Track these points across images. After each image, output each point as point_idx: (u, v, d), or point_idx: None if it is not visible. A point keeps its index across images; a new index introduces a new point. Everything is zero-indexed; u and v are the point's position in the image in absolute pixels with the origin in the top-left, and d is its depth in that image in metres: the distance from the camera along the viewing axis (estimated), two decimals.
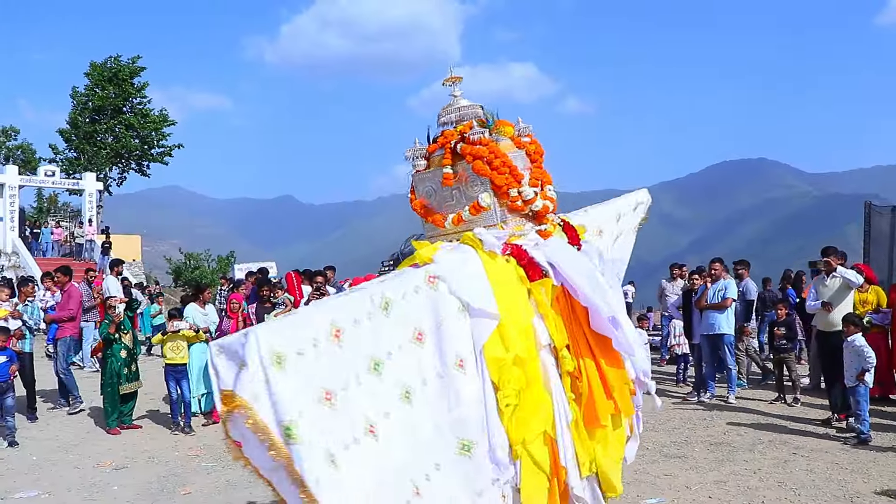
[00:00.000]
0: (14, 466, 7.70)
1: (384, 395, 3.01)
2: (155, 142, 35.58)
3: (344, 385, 2.83)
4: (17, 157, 39.50)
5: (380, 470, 2.88)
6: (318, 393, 2.72)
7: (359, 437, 2.82)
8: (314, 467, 2.55)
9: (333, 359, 2.82)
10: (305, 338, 2.75)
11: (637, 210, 5.64)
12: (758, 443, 8.07)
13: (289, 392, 2.59)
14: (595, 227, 4.86)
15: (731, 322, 10.53)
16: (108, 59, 34.76)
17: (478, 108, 4.13)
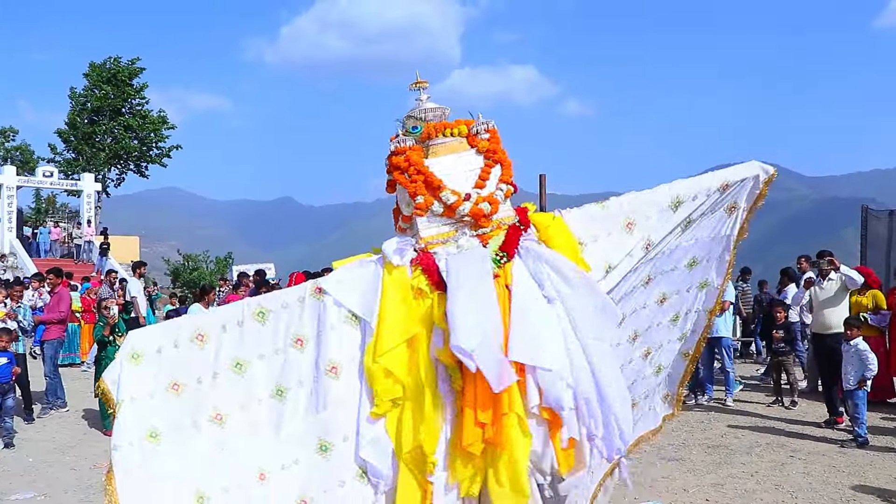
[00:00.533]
0: (10, 468, 7.68)
1: (243, 392, 3.52)
2: (154, 143, 35.60)
3: (198, 378, 3.50)
4: (16, 157, 39.55)
5: (218, 450, 3.47)
6: (167, 382, 3.48)
7: (199, 422, 3.48)
8: (123, 439, 3.45)
9: (191, 357, 3.50)
10: (167, 339, 3.53)
11: (732, 194, 4.20)
12: (755, 445, 8.07)
13: (132, 379, 3.45)
14: (603, 230, 4.01)
15: (728, 325, 10.56)
16: (108, 59, 34.78)
17: (445, 110, 4.07)
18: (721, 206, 4.19)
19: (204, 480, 3.44)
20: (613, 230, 4.01)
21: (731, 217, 4.24)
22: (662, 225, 4.05)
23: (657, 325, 4.44)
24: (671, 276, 4.30)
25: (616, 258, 3.99)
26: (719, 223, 4.26)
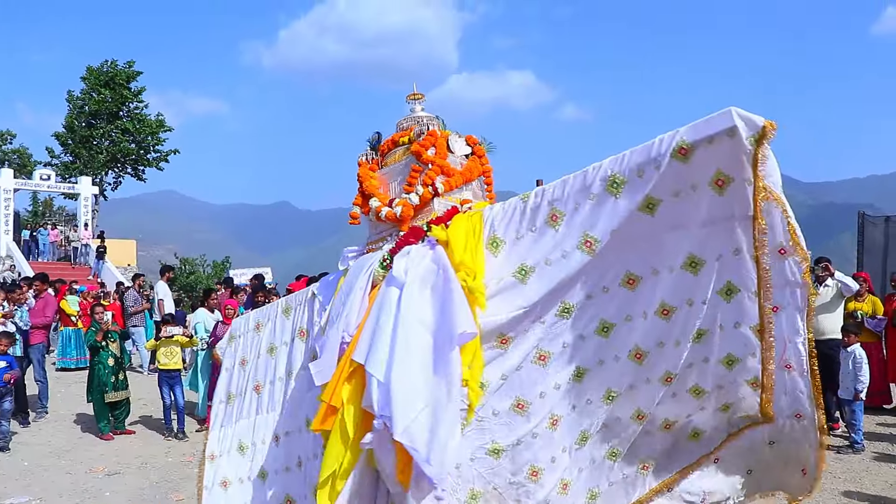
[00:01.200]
0: (5, 472, 7.66)
1: (270, 370, 4.50)
2: (151, 146, 35.56)
3: (252, 358, 4.65)
4: (13, 160, 39.44)
5: (253, 412, 4.57)
6: (239, 360, 4.75)
7: (247, 390, 4.62)
8: (217, 398, 4.85)
9: (251, 342, 4.68)
10: (243, 328, 4.80)
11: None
12: None
13: (229, 353, 4.84)
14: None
15: None
16: (105, 63, 34.75)
17: (434, 120, 4.26)
18: (699, 181, 3.12)
19: (246, 435, 4.57)
20: (538, 225, 3.43)
21: (725, 195, 3.13)
22: (602, 215, 3.24)
23: (674, 343, 3.53)
24: (668, 281, 3.40)
25: (534, 259, 3.41)
26: (711, 205, 3.18)
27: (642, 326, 3.48)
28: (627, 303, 3.45)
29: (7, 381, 8.51)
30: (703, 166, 3.08)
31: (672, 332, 3.49)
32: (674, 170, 3.08)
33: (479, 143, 4.27)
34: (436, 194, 3.89)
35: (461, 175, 4.04)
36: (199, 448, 8.44)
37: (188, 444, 8.80)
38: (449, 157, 4.05)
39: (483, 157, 4.24)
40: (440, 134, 4.07)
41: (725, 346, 3.57)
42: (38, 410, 10.17)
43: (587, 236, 3.27)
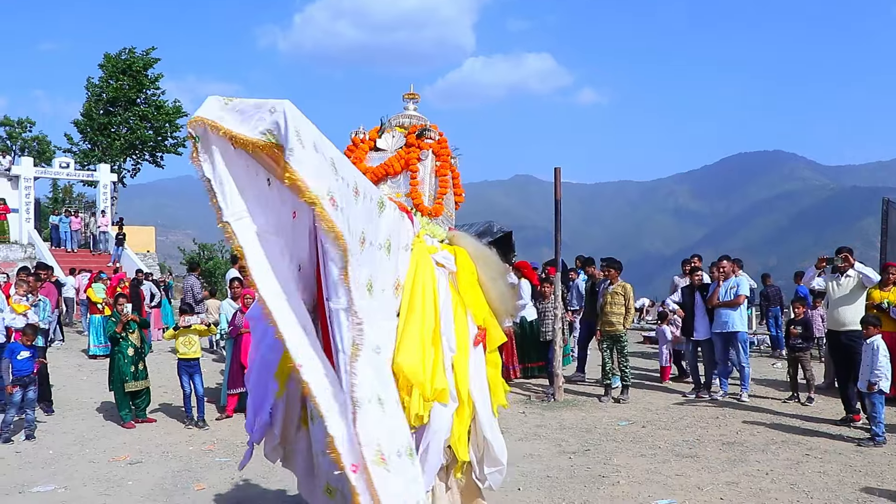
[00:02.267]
0: (31, 460, 7.77)
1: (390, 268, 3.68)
2: (169, 133, 35.70)
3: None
4: (33, 148, 39.73)
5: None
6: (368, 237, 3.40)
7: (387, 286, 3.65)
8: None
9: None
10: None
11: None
12: (771, 443, 8.04)
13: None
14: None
15: (744, 319, 10.52)
16: (123, 50, 34.86)
17: (425, 121, 4.49)
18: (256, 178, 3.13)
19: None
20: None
21: (279, 195, 3.21)
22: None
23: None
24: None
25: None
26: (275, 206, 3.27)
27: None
28: None
29: (32, 371, 8.66)
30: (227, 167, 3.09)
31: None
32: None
33: (422, 134, 4.35)
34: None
35: (373, 173, 4.26)
36: (220, 436, 8.58)
37: (208, 432, 8.88)
38: (371, 155, 4.34)
39: (413, 148, 4.33)
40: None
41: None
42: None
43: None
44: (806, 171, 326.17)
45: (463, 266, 4.05)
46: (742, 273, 10.77)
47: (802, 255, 27.93)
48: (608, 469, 7.10)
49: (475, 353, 3.94)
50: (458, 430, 3.79)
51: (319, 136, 2.92)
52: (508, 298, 4.26)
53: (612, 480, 6.76)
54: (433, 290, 3.76)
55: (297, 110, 2.78)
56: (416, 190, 4.30)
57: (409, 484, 3.20)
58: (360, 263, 3.13)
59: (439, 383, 3.59)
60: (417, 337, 3.56)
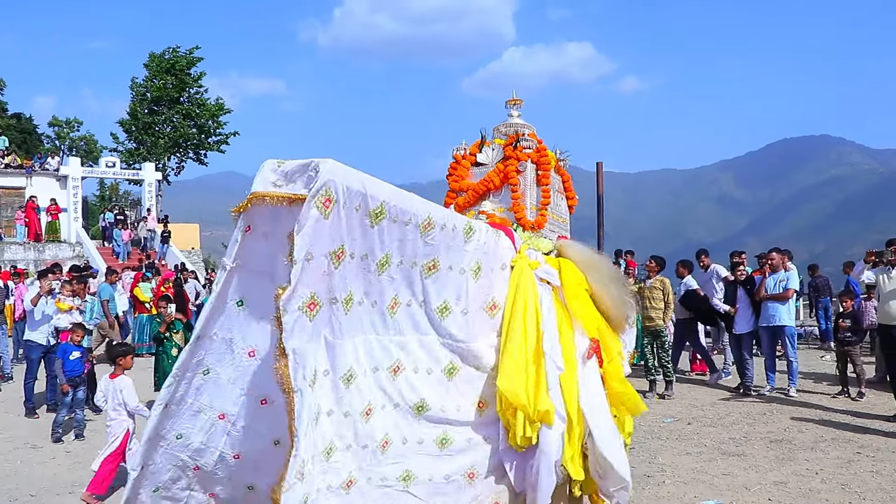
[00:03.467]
0: (80, 460, 7.89)
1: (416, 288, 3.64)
2: (212, 130, 36.20)
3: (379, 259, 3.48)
4: (80, 147, 40.60)
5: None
6: (343, 252, 3.30)
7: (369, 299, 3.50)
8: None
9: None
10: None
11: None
12: (820, 440, 7.84)
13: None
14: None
15: (792, 313, 10.29)
16: (167, 49, 35.43)
17: (530, 128, 4.41)
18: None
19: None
20: None
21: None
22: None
23: None
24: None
25: None
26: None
27: None
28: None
29: (83, 371, 8.83)
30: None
31: None
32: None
33: (519, 144, 4.27)
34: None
35: (474, 190, 4.30)
36: None
37: None
38: (474, 170, 4.36)
39: (511, 160, 4.26)
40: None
41: None
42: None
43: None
44: (854, 154, 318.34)
45: (569, 278, 3.97)
46: (791, 266, 10.53)
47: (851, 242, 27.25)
48: (653, 468, 6.99)
49: (587, 368, 3.84)
50: (568, 450, 3.69)
51: (358, 191, 2.99)
52: (624, 304, 4.10)
53: (657, 480, 6.65)
54: (535, 309, 3.75)
55: (336, 166, 2.88)
56: (517, 203, 4.26)
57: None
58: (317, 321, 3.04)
59: (542, 405, 3.54)
60: (518, 359, 3.58)
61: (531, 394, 3.56)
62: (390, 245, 3.24)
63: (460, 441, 3.60)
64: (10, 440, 8.74)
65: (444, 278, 3.45)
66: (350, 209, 2.98)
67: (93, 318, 10.37)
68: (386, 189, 3.15)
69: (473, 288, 3.61)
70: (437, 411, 3.55)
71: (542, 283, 3.94)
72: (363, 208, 3.04)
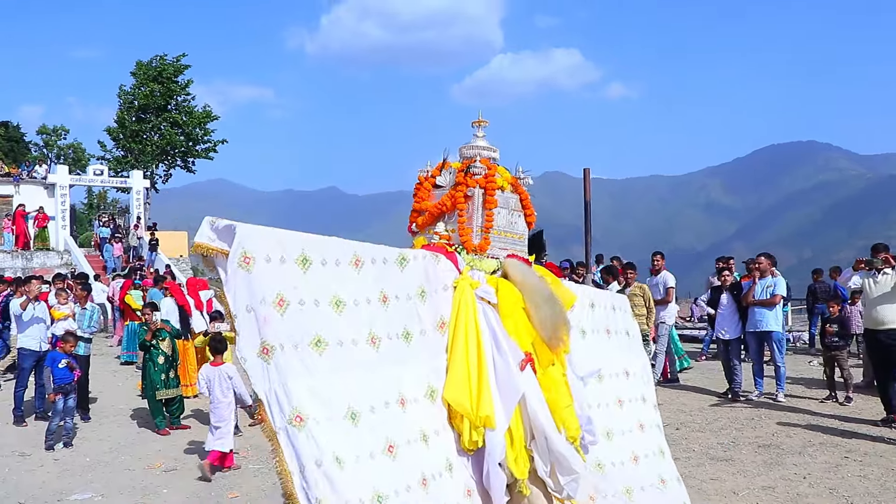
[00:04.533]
0: (69, 467, 7.88)
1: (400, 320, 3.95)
2: (200, 137, 36.14)
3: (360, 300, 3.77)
4: (68, 155, 40.44)
5: (368, 370, 3.71)
6: (315, 297, 3.59)
7: (350, 338, 3.66)
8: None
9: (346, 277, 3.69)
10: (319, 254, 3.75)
11: (617, 312, 5.45)
12: (808, 445, 7.90)
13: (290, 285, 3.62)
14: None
15: (779, 319, 10.36)
16: (154, 57, 35.37)
17: (494, 153, 4.68)
18: None
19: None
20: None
21: None
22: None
23: None
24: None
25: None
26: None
27: None
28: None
29: (73, 380, 8.81)
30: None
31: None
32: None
33: (469, 171, 4.52)
34: (413, 233, 4.72)
35: (430, 212, 4.61)
36: (253, 443, 8.63)
37: (242, 439, 8.93)
38: (434, 192, 4.65)
39: (460, 186, 4.51)
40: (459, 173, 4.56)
41: None
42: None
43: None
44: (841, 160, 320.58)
45: (504, 297, 4.21)
46: (778, 273, 10.61)
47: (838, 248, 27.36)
48: None
49: (524, 376, 4.06)
50: (511, 452, 3.96)
51: (274, 246, 3.29)
52: (552, 324, 4.26)
53: None
54: (475, 325, 4.03)
55: (250, 230, 3.25)
56: (462, 227, 4.49)
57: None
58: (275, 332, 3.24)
59: (483, 411, 3.82)
60: (461, 370, 3.89)
61: (474, 401, 3.84)
62: (332, 287, 3.47)
63: (459, 461, 3.92)
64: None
65: (396, 307, 3.77)
66: (274, 262, 3.24)
67: (91, 325, 10.32)
68: (303, 238, 3.44)
69: (423, 310, 3.94)
70: (434, 437, 3.83)
71: (483, 301, 4.19)
72: (288, 258, 3.30)
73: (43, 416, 9.72)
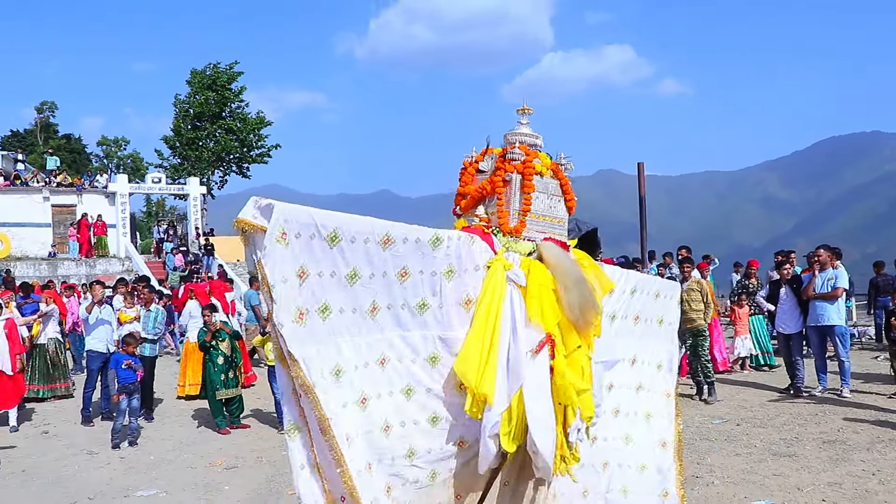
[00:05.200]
0: (134, 465, 8.12)
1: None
2: (254, 143, 36.79)
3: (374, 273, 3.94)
4: (128, 165, 41.57)
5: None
6: (348, 271, 3.83)
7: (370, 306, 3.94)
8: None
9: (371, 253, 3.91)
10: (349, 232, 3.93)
11: (659, 300, 5.37)
12: (876, 441, 7.66)
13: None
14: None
15: (841, 313, 10.08)
16: (208, 65, 36.13)
17: (538, 140, 4.78)
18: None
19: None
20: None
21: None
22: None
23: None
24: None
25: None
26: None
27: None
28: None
29: (136, 380, 9.06)
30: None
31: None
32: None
33: (507, 157, 4.64)
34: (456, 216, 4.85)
35: (472, 196, 4.75)
36: None
37: None
38: (477, 177, 4.78)
39: (499, 171, 4.63)
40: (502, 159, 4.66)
41: None
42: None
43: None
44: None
45: (533, 279, 4.33)
46: (840, 265, 10.31)
47: None
48: (702, 469, 6.91)
49: (535, 361, 4.18)
50: (505, 427, 4.11)
51: (308, 223, 3.54)
52: (577, 307, 4.33)
53: (706, 481, 6.58)
54: (498, 307, 4.19)
55: (287, 207, 3.49)
56: (500, 210, 4.63)
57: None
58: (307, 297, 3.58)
59: (484, 389, 4.01)
60: (474, 347, 4.08)
61: (478, 378, 4.02)
62: (354, 261, 3.74)
63: (448, 416, 4.14)
64: (69, 447, 9.01)
65: (418, 281, 4.00)
66: (305, 237, 3.52)
67: (155, 326, 10.61)
68: (337, 217, 3.70)
69: (447, 286, 4.15)
70: (424, 393, 4.08)
71: (512, 283, 4.32)
72: (318, 235, 3.57)
73: (109, 416, 10.01)
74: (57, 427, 10.09)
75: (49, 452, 8.77)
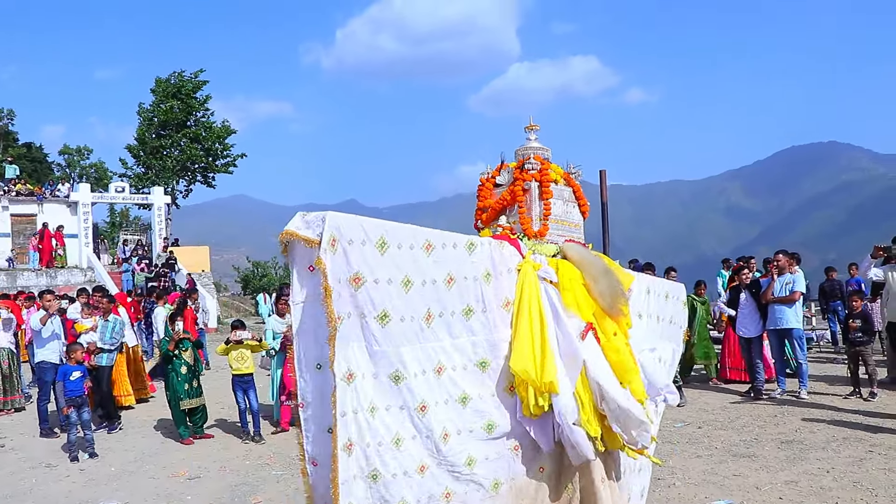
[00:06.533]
0: (94, 477, 7.98)
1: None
2: (219, 153, 36.48)
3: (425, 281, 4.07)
4: (91, 174, 40.96)
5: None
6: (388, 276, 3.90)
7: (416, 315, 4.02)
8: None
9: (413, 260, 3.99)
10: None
11: (669, 300, 5.65)
12: (831, 440, 7.84)
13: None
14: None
15: (799, 316, 10.29)
16: (173, 74, 35.79)
17: (547, 152, 5.06)
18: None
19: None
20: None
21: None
22: None
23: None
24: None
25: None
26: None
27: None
28: None
29: (84, 392, 8.91)
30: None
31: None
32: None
33: (524, 167, 4.97)
34: (478, 229, 5.11)
35: (493, 208, 5.04)
36: (276, 450, 8.70)
37: (265, 446, 9.00)
38: (495, 191, 5.08)
39: (518, 181, 4.96)
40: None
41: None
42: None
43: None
44: (864, 160, 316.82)
45: (563, 275, 4.58)
46: (797, 269, 10.54)
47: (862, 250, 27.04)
48: (664, 471, 6.99)
49: (585, 345, 4.41)
50: (583, 413, 4.28)
51: (357, 230, 3.63)
52: (610, 294, 4.64)
53: (667, 482, 6.67)
54: (537, 301, 4.38)
55: (338, 216, 3.57)
56: (523, 216, 4.94)
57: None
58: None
59: (547, 377, 4.12)
60: (526, 342, 4.21)
61: (538, 369, 4.14)
62: (406, 268, 3.84)
63: (503, 423, 4.22)
64: (26, 459, 8.83)
65: (462, 287, 4.11)
66: (356, 244, 3.61)
67: (112, 336, 10.46)
68: (382, 225, 3.79)
69: (488, 290, 4.27)
70: (478, 400, 4.15)
71: (544, 280, 4.53)
72: (368, 242, 3.66)
73: (66, 428, 9.85)
74: (14, 440, 9.89)
75: (5, 466, 8.59)
